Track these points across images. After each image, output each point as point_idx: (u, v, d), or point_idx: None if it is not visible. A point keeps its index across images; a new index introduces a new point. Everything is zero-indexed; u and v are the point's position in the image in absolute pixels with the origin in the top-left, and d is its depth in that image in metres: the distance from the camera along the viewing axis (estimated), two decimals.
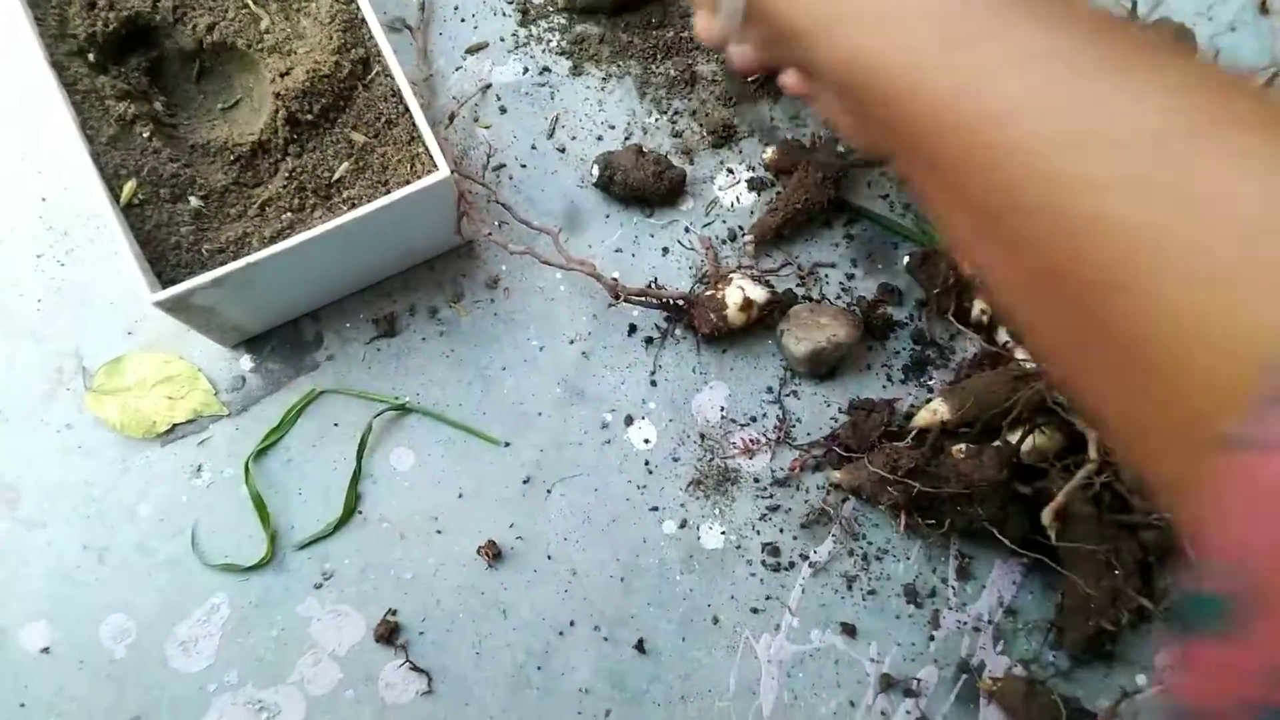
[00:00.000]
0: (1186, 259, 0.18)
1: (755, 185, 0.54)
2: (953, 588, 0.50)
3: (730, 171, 0.54)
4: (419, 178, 0.45)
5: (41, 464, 0.49)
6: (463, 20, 0.56)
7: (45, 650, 0.47)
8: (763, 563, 0.50)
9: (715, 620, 0.49)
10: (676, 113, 0.55)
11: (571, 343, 0.52)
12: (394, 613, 0.48)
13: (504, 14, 0.56)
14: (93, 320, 0.51)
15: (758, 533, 0.50)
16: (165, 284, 0.43)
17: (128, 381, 0.50)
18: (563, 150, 0.54)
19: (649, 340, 0.52)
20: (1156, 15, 0.53)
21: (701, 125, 0.55)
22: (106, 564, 0.48)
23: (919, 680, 0.48)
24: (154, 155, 0.45)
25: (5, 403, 0.50)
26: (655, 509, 0.50)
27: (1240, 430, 0.16)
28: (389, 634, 0.48)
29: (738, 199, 0.54)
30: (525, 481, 0.50)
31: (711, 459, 0.51)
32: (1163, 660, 0.48)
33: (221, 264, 0.43)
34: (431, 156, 0.45)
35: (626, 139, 0.54)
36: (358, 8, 0.46)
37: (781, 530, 0.50)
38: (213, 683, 0.47)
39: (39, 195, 0.52)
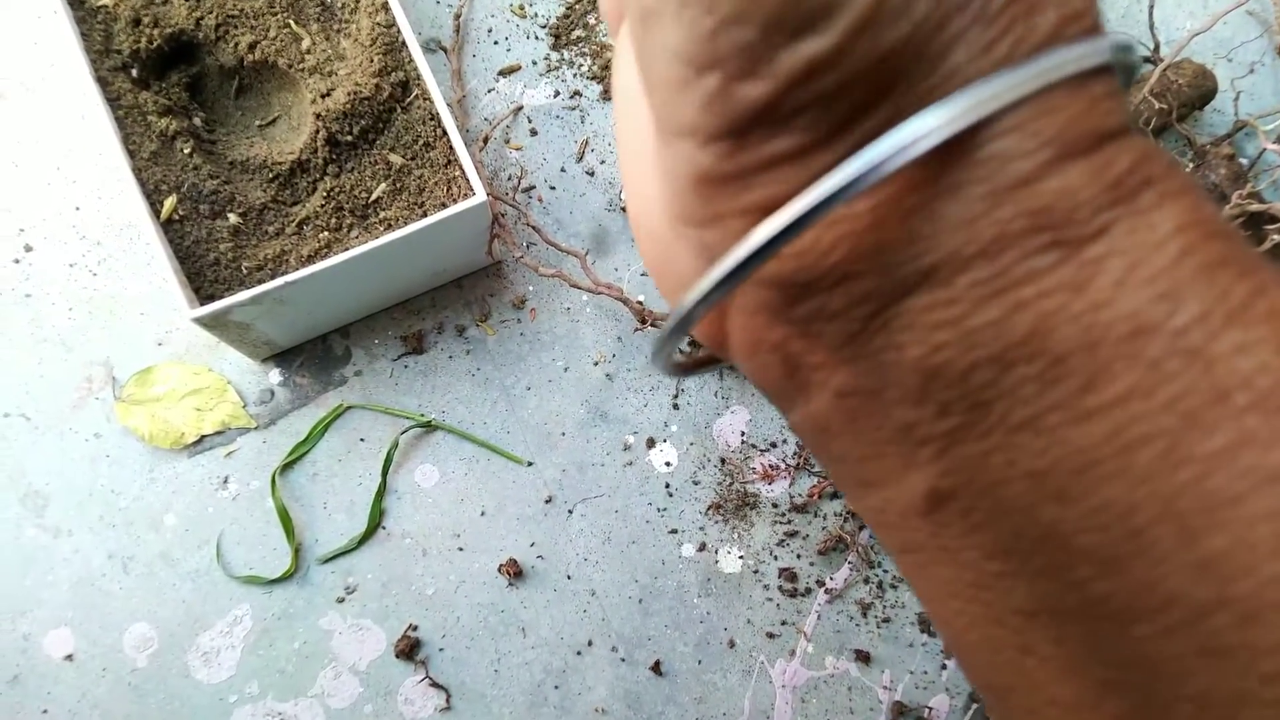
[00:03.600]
0: None
1: None
2: None
3: None
4: (455, 200, 0.46)
5: (69, 472, 0.49)
6: (496, 43, 0.57)
7: (69, 657, 0.47)
8: (779, 588, 0.50)
9: (731, 644, 0.50)
10: None
11: (596, 364, 0.53)
12: (415, 628, 0.49)
13: (537, 37, 0.57)
14: (123, 330, 0.51)
15: (775, 558, 0.51)
16: (203, 300, 0.44)
17: (157, 392, 0.50)
18: (591, 174, 0.55)
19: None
20: (1179, 57, 0.54)
21: None
22: (131, 573, 0.49)
23: (931, 709, 0.49)
24: (194, 171, 0.45)
25: (35, 410, 0.50)
26: (675, 531, 0.51)
27: None
28: (409, 649, 0.48)
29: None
30: (547, 501, 0.51)
31: (731, 483, 0.52)
32: None
33: (259, 281, 0.44)
34: (468, 180, 0.45)
35: None
36: (398, 31, 0.47)
37: (799, 556, 0.51)
38: (234, 694, 0.48)
39: (73, 204, 0.53)
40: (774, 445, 0.52)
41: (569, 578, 0.50)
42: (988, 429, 0.13)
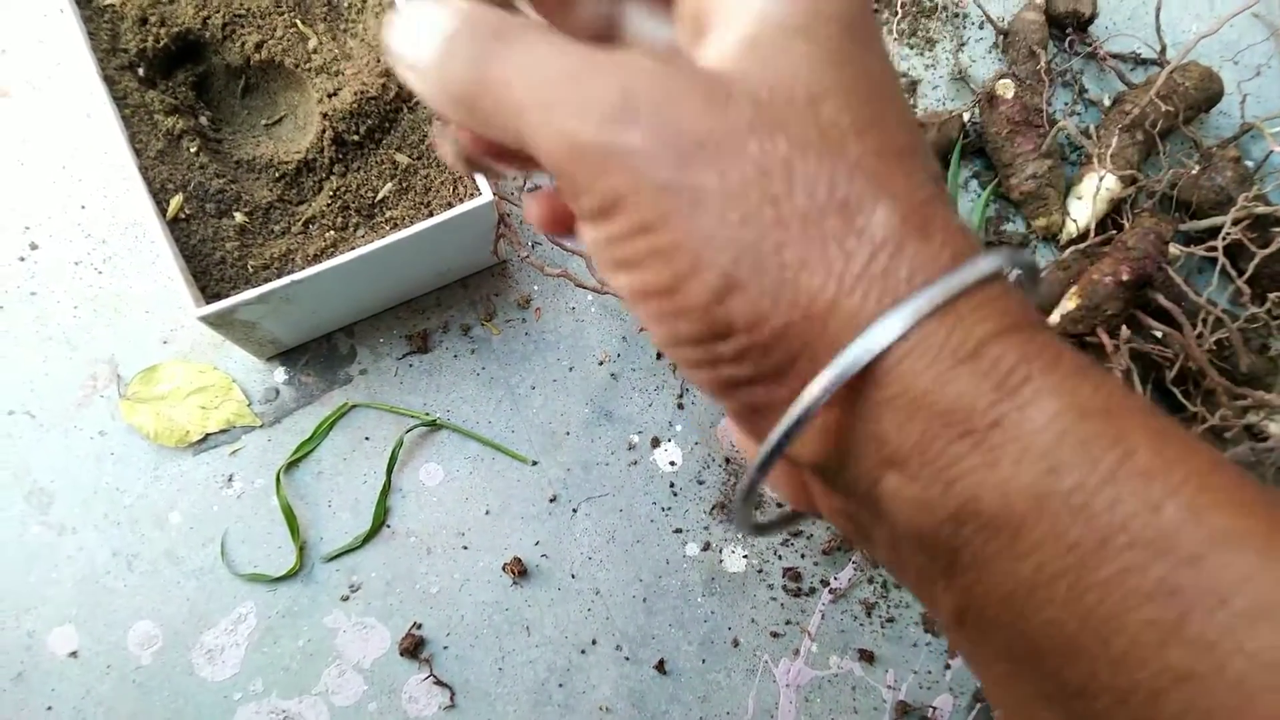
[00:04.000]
0: None
1: None
2: None
3: None
4: (461, 200, 0.46)
5: (74, 469, 0.50)
6: None
7: (73, 654, 0.47)
8: (784, 587, 0.50)
9: (735, 643, 0.50)
10: None
11: (601, 364, 0.53)
12: (419, 626, 0.49)
13: None
14: (128, 328, 0.51)
15: (779, 557, 0.51)
16: (209, 298, 0.44)
17: (162, 390, 0.50)
18: None
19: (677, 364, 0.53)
20: (1185, 60, 0.54)
21: None
22: (136, 571, 0.49)
23: (935, 708, 0.49)
24: (200, 170, 0.45)
25: (40, 407, 0.50)
26: (679, 531, 0.51)
27: None
28: (414, 648, 0.48)
29: None
30: (552, 500, 0.51)
31: (736, 483, 0.52)
32: None
33: (265, 280, 0.44)
34: (474, 179, 0.46)
35: None
36: None
37: (803, 555, 0.51)
38: (238, 691, 0.48)
39: (79, 203, 0.53)
40: None
41: (573, 576, 0.50)
42: (965, 567, 0.17)
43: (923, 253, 0.17)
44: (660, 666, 0.49)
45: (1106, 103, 0.58)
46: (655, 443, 0.52)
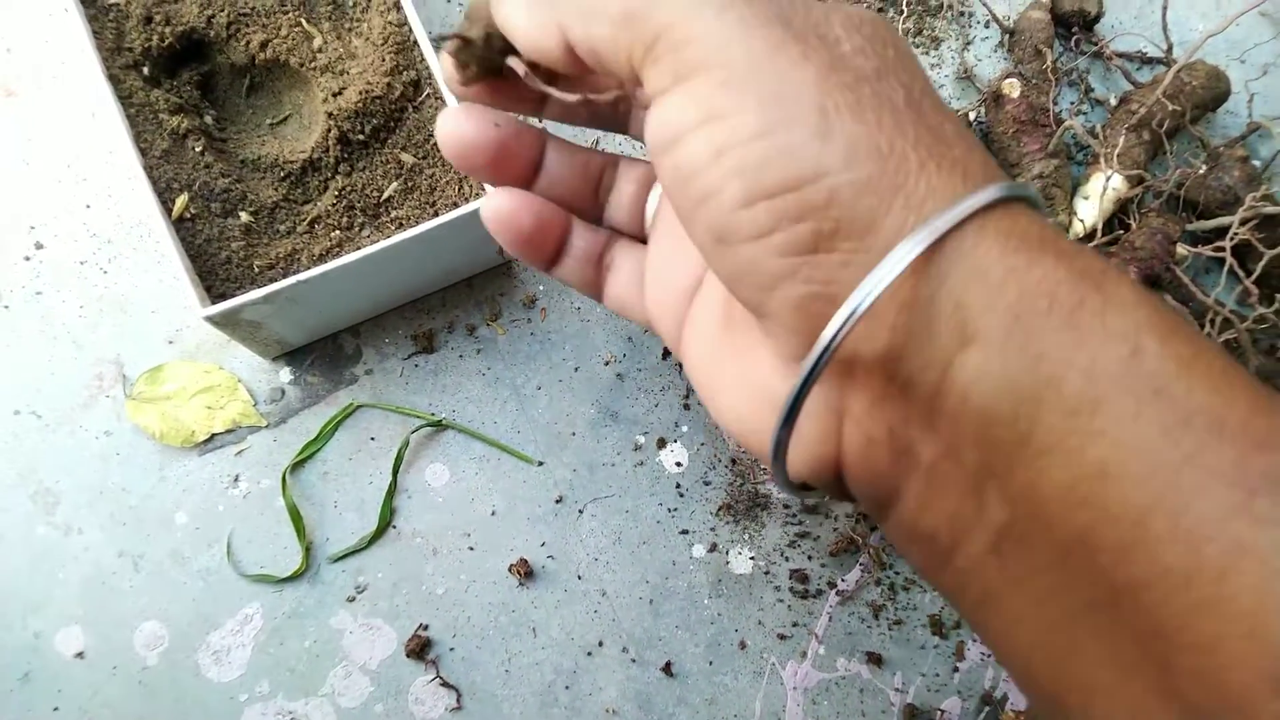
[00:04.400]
0: None
1: None
2: None
3: None
4: (466, 200, 0.46)
5: (80, 470, 0.49)
6: None
7: (79, 655, 0.47)
8: (791, 589, 0.50)
9: (742, 645, 0.49)
10: None
11: (606, 364, 0.53)
12: (425, 628, 0.49)
13: None
14: (134, 328, 0.51)
15: (786, 559, 0.51)
16: (215, 298, 0.44)
17: (167, 390, 0.50)
18: None
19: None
20: (1192, 59, 0.54)
21: None
22: (141, 571, 0.49)
23: (942, 711, 0.49)
24: (205, 170, 0.45)
25: (45, 408, 0.50)
26: (685, 532, 0.51)
27: None
28: (420, 649, 0.48)
29: None
30: (558, 501, 0.51)
31: (742, 484, 0.51)
32: None
33: (271, 280, 0.44)
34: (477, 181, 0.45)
35: None
36: (410, 29, 0.47)
37: (810, 557, 0.51)
38: (244, 692, 0.48)
39: (84, 202, 0.53)
40: None
41: (579, 578, 0.50)
42: (1035, 454, 0.17)
43: (990, 162, 0.19)
44: (667, 669, 0.49)
45: (1113, 102, 0.57)
46: (661, 443, 0.52)
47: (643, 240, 0.29)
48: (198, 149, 0.46)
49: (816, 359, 0.18)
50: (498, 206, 0.26)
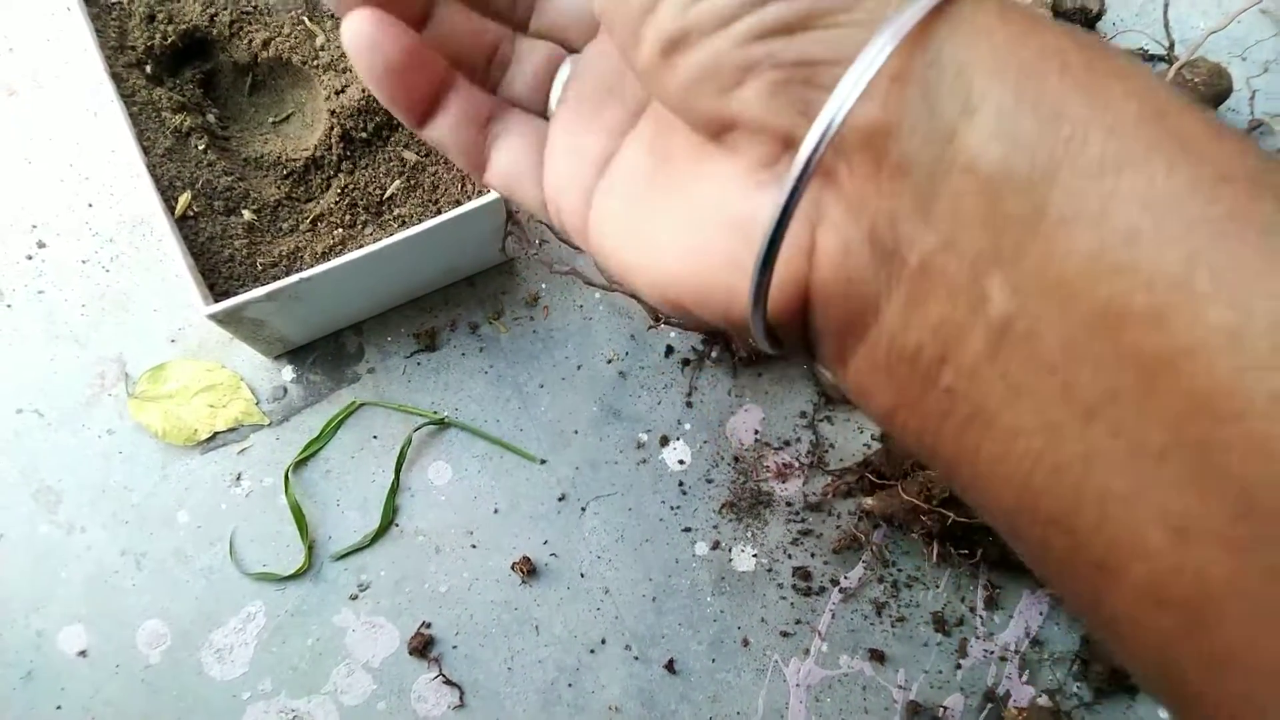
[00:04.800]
0: None
1: None
2: (980, 617, 0.50)
3: None
4: (469, 197, 0.46)
5: (82, 468, 0.49)
6: None
7: (82, 653, 0.47)
8: (793, 586, 0.50)
9: (745, 643, 0.49)
10: None
11: (609, 362, 0.53)
12: (428, 625, 0.49)
13: None
14: (136, 326, 0.51)
15: (789, 556, 0.51)
16: (218, 296, 0.44)
17: (170, 388, 0.50)
18: None
19: (685, 362, 0.53)
20: (1194, 56, 0.54)
21: None
22: (144, 570, 0.49)
23: (945, 708, 0.49)
24: (208, 168, 0.45)
25: (48, 406, 0.50)
26: (688, 530, 0.51)
27: None
28: (423, 647, 0.48)
29: None
30: (560, 499, 0.51)
31: (745, 481, 0.51)
32: None
33: (274, 278, 0.44)
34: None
35: None
36: None
37: (813, 555, 0.51)
38: (247, 691, 0.47)
39: (86, 201, 0.53)
40: (788, 443, 0.52)
41: (582, 576, 0.50)
42: (1053, 225, 0.16)
43: None
44: (670, 666, 0.49)
45: None
46: (664, 441, 0.52)
47: (543, 116, 0.26)
48: (200, 147, 0.46)
49: (817, 141, 0.17)
50: (358, 29, 0.22)
